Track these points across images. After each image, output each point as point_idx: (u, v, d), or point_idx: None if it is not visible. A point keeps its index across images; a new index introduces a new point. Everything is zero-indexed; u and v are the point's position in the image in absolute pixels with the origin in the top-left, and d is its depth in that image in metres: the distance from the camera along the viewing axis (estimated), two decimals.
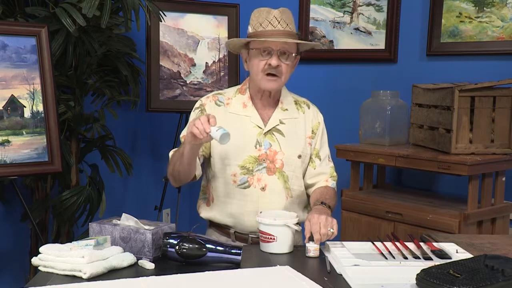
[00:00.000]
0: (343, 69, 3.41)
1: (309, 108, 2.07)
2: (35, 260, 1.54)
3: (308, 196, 2.05)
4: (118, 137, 3.05)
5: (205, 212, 2.02)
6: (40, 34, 2.36)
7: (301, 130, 2.01)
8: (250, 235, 1.93)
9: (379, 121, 2.98)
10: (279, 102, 2.00)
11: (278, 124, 1.97)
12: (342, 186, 2.99)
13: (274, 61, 1.87)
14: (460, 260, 1.46)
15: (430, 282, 1.32)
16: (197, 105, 2.02)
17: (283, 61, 1.89)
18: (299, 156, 1.97)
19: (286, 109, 2.00)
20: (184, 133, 1.95)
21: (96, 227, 1.66)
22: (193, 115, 2.00)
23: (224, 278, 1.44)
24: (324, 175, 2.03)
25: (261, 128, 1.95)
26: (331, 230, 1.69)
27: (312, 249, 1.67)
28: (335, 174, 2.07)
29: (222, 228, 1.99)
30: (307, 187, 2.03)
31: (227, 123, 1.95)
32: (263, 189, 1.92)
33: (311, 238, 1.68)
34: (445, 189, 3.06)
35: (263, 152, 1.93)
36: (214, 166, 1.96)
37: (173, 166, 1.87)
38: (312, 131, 2.03)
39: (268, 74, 1.89)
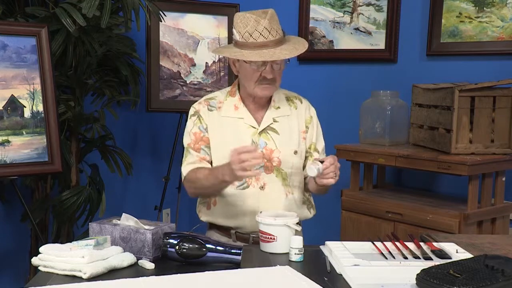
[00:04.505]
0: (343, 69, 3.41)
1: (301, 102, 2.07)
2: (35, 260, 1.54)
3: (307, 192, 2.06)
4: (118, 137, 3.05)
5: (206, 216, 2.02)
6: (40, 34, 2.36)
7: (295, 126, 2.01)
8: (251, 235, 1.93)
9: (379, 121, 2.98)
10: (271, 101, 2.01)
11: (272, 123, 1.98)
12: (342, 186, 2.99)
13: (270, 75, 1.88)
14: (460, 260, 1.46)
15: (430, 282, 1.32)
16: (191, 112, 2.02)
17: (276, 68, 1.89)
18: (295, 152, 1.97)
19: (279, 107, 2.01)
20: (188, 141, 1.97)
21: (96, 227, 1.66)
22: (190, 123, 2.00)
23: (224, 278, 1.44)
24: None
25: (255, 128, 1.96)
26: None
27: (316, 168, 1.75)
28: None
29: (223, 229, 1.99)
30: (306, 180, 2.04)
31: (221, 127, 1.96)
32: (262, 188, 1.92)
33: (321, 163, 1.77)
34: (445, 189, 3.06)
35: (260, 152, 1.93)
36: None
37: (200, 191, 1.96)
38: (306, 126, 2.04)
39: (263, 83, 1.90)
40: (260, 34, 1.83)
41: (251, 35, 1.84)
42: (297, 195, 2.00)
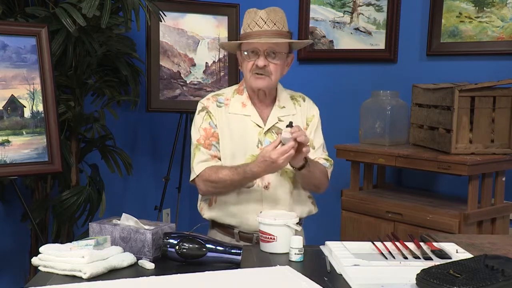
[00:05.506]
0: (343, 69, 3.41)
1: (304, 101, 2.10)
2: (35, 260, 1.54)
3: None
4: (118, 137, 3.05)
5: (209, 213, 2.01)
6: (40, 34, 2.36)
7: (299, 124, 2.01)
8: (254, 234, 1.92)
9: (379, 121, 2.97)
10: (276, 100, 2.02)
11: (277, 122, 1.99)
12: (342, 186, 2.99)
13: (260, 62, 1.90)
14: (460, 260, 1.46)
15: (430, 282, 1.32)
16: (199, 107, 2.02)
17: (271, 60, 1.91)
18: None
19: (284, 107, 2.02)
20: (197, 136, 1.97)
21: (96, 227, 1.66)
22: (199, 118, 2.00)
23: (224, 278, 1.44)
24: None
25: (261, 127, 1.97)
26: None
27: (288, 136, 1.76)
28: (330, 159, 2.08)
29: (225, 228, 1.99)
30: None
31: (228, 123, 1.96)
32: (266, 187, 1.93)
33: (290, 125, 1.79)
34: (445, 189, 3.06)
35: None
36: None
37: (220, 190, 1.93)
38: (307, 123, 2.06)
39: (256, 73, 1.91)
40: (256, 23, 1.89)
41: (249, 26, 1.91)
42: (300, 193, 2.00)
